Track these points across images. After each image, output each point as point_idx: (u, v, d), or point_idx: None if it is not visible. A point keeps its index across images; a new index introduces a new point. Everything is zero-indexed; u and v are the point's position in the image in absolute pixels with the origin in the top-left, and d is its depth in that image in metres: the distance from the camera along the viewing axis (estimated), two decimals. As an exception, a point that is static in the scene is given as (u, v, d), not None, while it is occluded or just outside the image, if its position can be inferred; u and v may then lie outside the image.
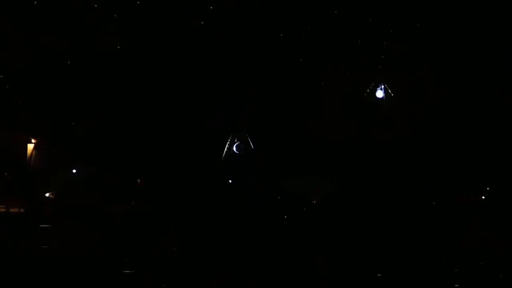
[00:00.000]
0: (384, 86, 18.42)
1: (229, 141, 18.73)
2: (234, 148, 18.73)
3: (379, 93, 18.48)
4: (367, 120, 18.46)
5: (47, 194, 18.01)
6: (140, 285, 9.35)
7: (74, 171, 17.99)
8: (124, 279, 9.44)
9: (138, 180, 18.78)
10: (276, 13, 17.53)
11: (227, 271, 10.24)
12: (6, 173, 17.71)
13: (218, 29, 17.68)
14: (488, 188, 18.11)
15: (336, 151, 18.34)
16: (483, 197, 17.85)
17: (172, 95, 17.84)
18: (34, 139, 18.22)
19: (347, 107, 18.40)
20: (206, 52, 17.69)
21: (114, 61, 17.40)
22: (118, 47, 17.32)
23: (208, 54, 17.70)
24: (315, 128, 18.29)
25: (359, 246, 12.87)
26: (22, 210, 17.05)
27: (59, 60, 17.03)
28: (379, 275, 10.07)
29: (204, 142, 18.30)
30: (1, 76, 16.85)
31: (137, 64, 17.45)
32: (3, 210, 17.15)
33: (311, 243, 13.50)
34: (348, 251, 12.25)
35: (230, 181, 18.74)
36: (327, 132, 18.28)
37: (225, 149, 18.72)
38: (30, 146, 18.18)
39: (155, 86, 17.75)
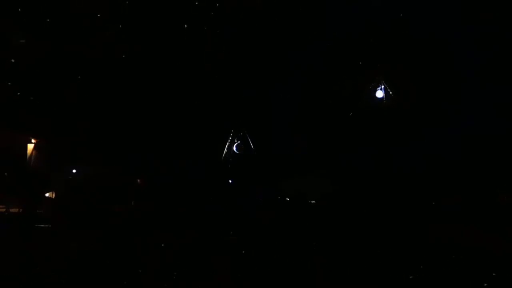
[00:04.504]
0: (384, 86, 18.44)
1: (229, 141, 18.74)
2: (234, 148, 18.74)
3: (379, 93, 18.50)
4: (367, 120, 18.49)
5: (47, 194, 18.01)
6: (140, 285, 9.36)
7: (74, 171, 18.00)
8: (125, 279, 9.45)
9: (138, 180, 18.80)
10: (276, 14, 17.57)
11: (227, 271, 10.25)
12: (6, 173, 17.71)
13: (219, 31, 17.72)
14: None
15: (336, 151, 18.36)
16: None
17: (172, 95, 17.86)
18: (34, 139, 18.23)
19: (346, 107, 18.43)
20: (206, 52, 17.72)
21: (114, 62, 17.42)
22: (118, 48, 17.34)
23: (208, 55, 17.73)
24: (315, 128, 18.31)
25: (359, 246, 12.89)
26: (21, 210, 17.06)
27: (59, 60, 17.04)
28: (379, 275, 10.09)
29: (204, 142, 18.30)
30: (1, 77, 16.86)
31: (137, 64, 17.47)
32: (3, 210, 17.16)
33: (311, 243, 13.51)
34: (348, 251, 12.26)
35: (230, 181, 18.75)
36: (327, 132, 18.30)
37: (225, 149, 18.73)
38: (30, 146, 18.18)
39: (155, 86, 17.77)
